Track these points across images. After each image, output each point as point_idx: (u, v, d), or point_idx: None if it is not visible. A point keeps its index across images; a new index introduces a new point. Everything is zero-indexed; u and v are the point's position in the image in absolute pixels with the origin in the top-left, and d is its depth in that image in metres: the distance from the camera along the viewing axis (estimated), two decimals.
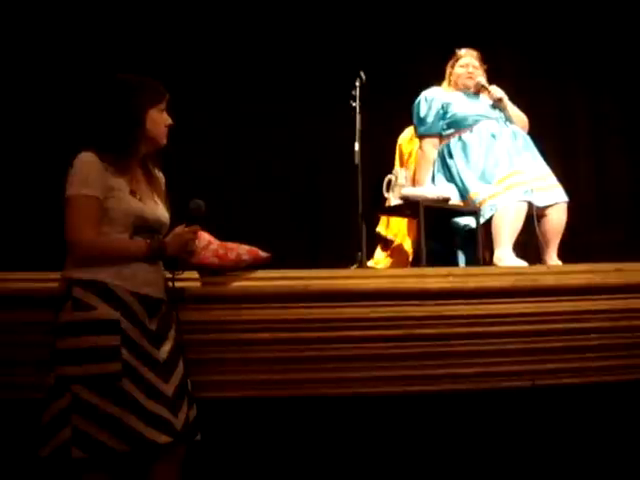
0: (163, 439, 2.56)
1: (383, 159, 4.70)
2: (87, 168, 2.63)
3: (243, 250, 3.17)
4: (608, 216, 5.45)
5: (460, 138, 4.31)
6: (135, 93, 2.73)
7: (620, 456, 3.47)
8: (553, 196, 4.17)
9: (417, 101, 4.45)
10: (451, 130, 4.36)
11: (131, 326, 2.59)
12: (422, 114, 4.42)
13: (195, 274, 3.11)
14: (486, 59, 4.55)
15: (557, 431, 3.46)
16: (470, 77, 4.46)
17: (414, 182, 4.39)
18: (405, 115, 4.61)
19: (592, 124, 5.64)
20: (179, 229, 2.75)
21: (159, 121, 2.77)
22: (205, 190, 4.08)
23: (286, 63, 5.28)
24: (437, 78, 4.55)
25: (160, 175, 2.88)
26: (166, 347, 2.69)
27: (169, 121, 2.81)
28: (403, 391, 3.19)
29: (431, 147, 4.42)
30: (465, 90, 4.47)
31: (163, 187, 2.88)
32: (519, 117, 4.42)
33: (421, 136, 4.47)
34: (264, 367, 3.11)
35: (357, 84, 4.30)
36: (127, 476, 2.69)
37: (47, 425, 2.54)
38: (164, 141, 2.81)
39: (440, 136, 4.41)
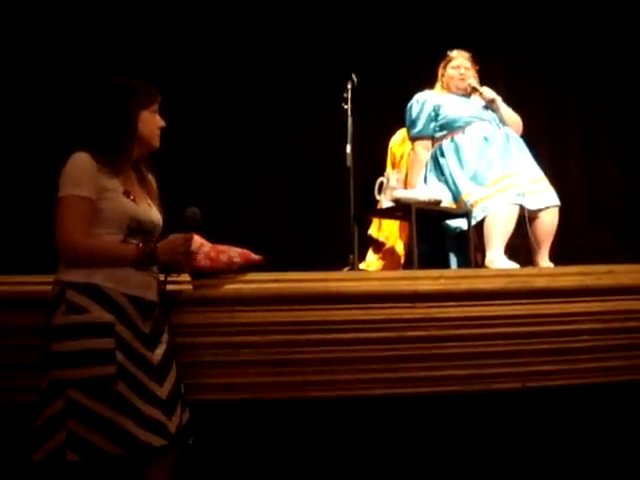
0: (157, 442, 2.56)
1: (375, 161, 4.70)
2: (80, 169, 2.63)
3: (235, 253, 3.16)
4: (599, 218, 5.47)
5: (452, 140, 4.32)
6: (127, 95, 2.73)
7: (612, 457, 3.48)
8: (545, 199, 4.19)
9: (409, 104, 4.47)
10: (443, 132, 4.38)
11: (125, 329, 2.59)
12: (414, 116, 4.43)
13: (187, 277, 3.10)
14: (477, 60, 4.56)
15: (549, 433, 3.47)
16: (462, 79, 4.47)
17: (406, 184, 4.40)
18: (397, 117, 4.62)
19: (583, 127, 5.65)
20: (172, 236, 2.73)
21: (151, 123, 2.78)
22: (196, 193, 4.10)
23: (278, 65, 5.28)
24: (429, 80, 4.57)
25: (152, 178, 2.87)
26: (160, 350, 2.70)
27: (162, 123, 2.81)
28: (395, 393, 3.19)
29: (423, 149, 4.43)
30: (457, 92, 4.48)
31: (156, 190, 2.87)
32: (512, 118, 4.43)
33: (413, 138, 4.49)
34: (256, 370, 3.11)
35: (349, 86, 4.30)
36: (120, 479, 2.69)
37: (41, 429, 2.54)
38: (157, 143, 2.81)
39: (432, 138, 4.42)
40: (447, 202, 4.20)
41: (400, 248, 4.50)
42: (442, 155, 4.33)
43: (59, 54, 4.99)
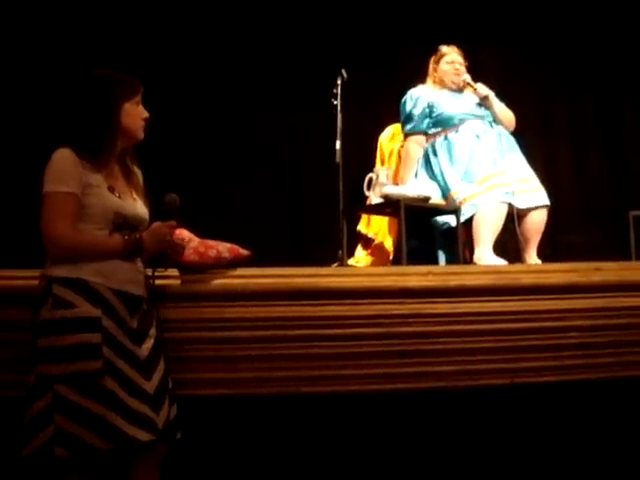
0: (145, 437, 2.55)
1: (364, 157, 4.70)
2: (64, 164, 2.61)
3: (224, 248, 3.16)
4: (588, 216, 5.49)
5: (446, 137, 4.31)
6: (108, 87, 2.70)
7: (600, 453, 3.50)
8: (534, 199, 4.18)
9: (403, 99, 4.46)
10: (437, 129, 4.37)
11: (112, 324, 2.57)
12: (408, 112, 4.42)
13: (176, 272, 3.09)
14: (466, 57, 4.56)
15: (538, 429, 3.48)
16: (457, 74, 4.46)
17: (397, 180, 4.39)
18: (386, 113, 4.62)
19: (573, 124, 5.67)
20: (155, 225, 2.73)
21: (135, 115, 2.74)
22: (187, 189, 4.08)
23: (268, 61, 5.27)
24: (420, 76, 4.56)
25: (138, 171, 2.85)
26: (147, 345, 2.68)
27: (145, 114, 2.78)
28: (383, 389, 3.20)
29: (416, 145, 4.41)
30: (451, 87, 4.47)
31: (141, 183, 2.85)
32: (505, 114, 4.42)
33: (407, 134, 4.48)
34: (245, 365, 3.10)
35: (338, 82, 4.29)
36: (107, 474, 2.68)
37: (28, 424, 2.52)
38: (141, 135, 2.78)
39: (426, 134, 4.41)
40: (436, 198, 4.20)
41: (389, 244, 4.50)
42: (434, 153, 4.32)
43: (38, 50, 4.95)
